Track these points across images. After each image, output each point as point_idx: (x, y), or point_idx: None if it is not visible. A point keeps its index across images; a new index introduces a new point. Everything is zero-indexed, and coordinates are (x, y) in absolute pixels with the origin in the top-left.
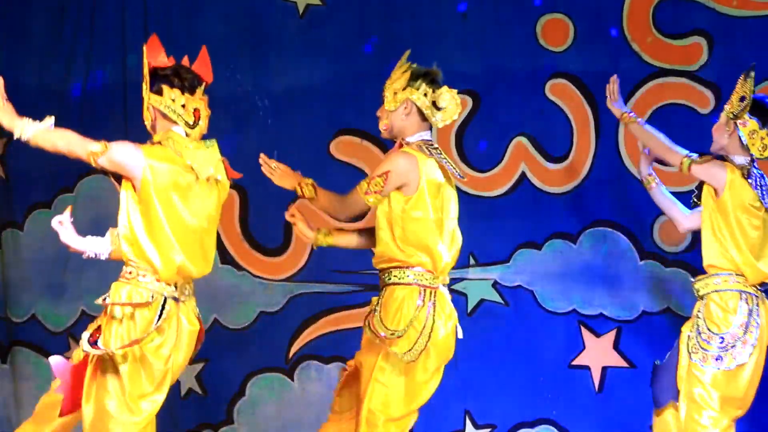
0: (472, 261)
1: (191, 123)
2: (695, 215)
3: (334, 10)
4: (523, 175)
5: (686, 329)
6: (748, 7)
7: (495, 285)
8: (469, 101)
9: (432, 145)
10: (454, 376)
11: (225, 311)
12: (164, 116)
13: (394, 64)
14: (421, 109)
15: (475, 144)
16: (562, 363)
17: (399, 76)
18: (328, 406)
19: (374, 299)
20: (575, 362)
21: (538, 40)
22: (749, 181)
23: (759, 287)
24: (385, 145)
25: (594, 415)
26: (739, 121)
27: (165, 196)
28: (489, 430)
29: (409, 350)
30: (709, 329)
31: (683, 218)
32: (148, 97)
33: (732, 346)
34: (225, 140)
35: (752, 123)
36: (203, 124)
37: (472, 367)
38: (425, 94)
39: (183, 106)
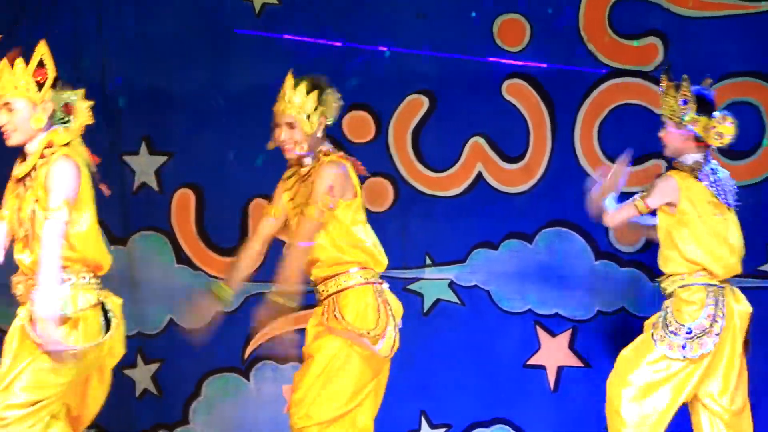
0: (428, 261)
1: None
2: (615, 213)
3: (290, 9)
4: (480, 175)
5: (652, 320)
6: (704, 8)
7: (451, 285)
8: (426, 101)
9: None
10: (409, 376)
11: (181, 311)
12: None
13: (351, 63)
14: (328, 120)
15: (432, 144)
16: (517, 362)
17: (305, 98)
18: (283, 406)
19: (318, 310)
20: (531, 362)
21: (494, 40)
22: (701, 180)
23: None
24: (343, 145)
25: (549, 414)
26: (690, 123)
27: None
28: (444, 429)
29: (391, 346)
30: (677, 321)
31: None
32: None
33: (698, 336)
34: (181, 140)
35: (702, 119)
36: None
37: (428, 366)
38: (327, 106)
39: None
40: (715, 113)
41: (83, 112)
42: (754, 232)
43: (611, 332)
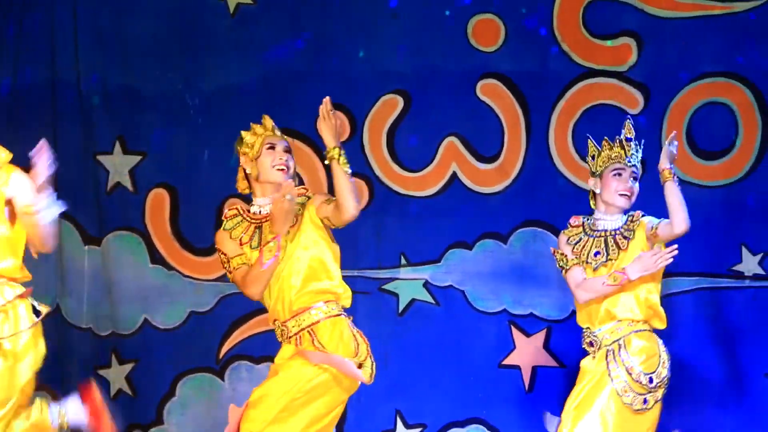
0: (403, 261)
1: None
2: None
3: (264, 9)
4: (454, 175)
5: (600, 368)
6: (677, 9)
7: (426, 285)
8: (401, 101)
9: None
10: (384, 376)
11: (155, 311)
12: None
13: (326, 62)
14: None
15: (407, 143)
16: (492, 362)
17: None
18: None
19: (287, 347)
20: (505, 362)
21: (469, 40)
22: None
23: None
24: (318, 145)
25: (524, 414)
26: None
27: None
28: (420, 429)
29: (371, 373)
30: (641, 369)
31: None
32: None
33: (658, 386)
34: (155, 139)
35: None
36: None
37: (403, 366)
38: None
39: None
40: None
41: None
42: (728, 232)
43: None
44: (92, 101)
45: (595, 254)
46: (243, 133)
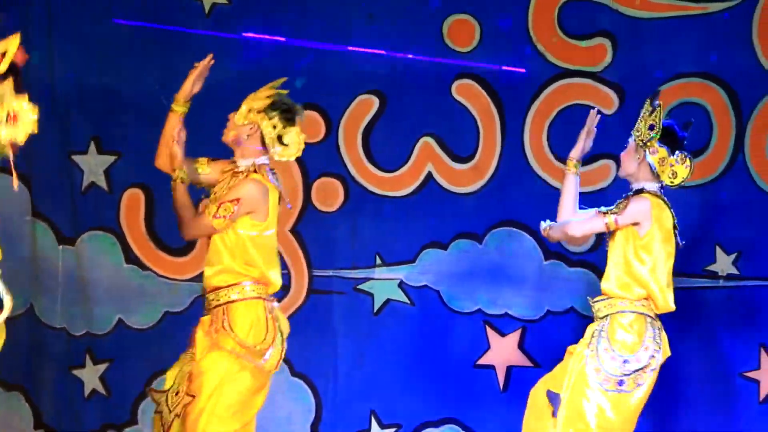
0: (378, 261)
1: None
2: (582, 223)
3: (240, 9)
4: (430, 175)
5: (582, 349)
6: (652, 9)
7: (401, 285)
8: (376, 101)
9: (273, 171)
10: (359, 376)
11: (130, 311)
12: None
13: (301, 62)
14: (264, 137)
15: (382, 144)
16: (467, 362)
17: (261, 98)
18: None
19: (206, 319)
20: (480, 362)
21: (444, 40)
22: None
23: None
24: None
25: (499, 414)
26: (649, 150)
27: None
28: (394, 429)
29: (278, 360)
30: (614, 350)
31: (570, 217)
32: None
33: (635, 371)
34: (130, 140)
35: (662, 151)
36: None
37: (378, 366)
38: (274, 126)
39: None
40: (678, 152)
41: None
42: (703, 232)
43: (560, 332)
44: (67, 101)
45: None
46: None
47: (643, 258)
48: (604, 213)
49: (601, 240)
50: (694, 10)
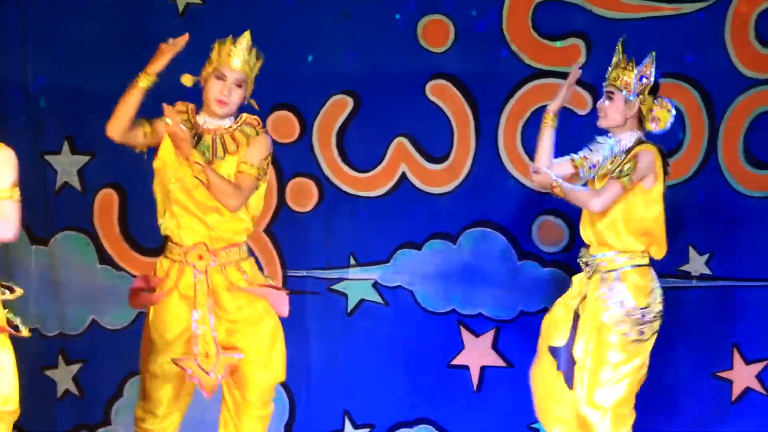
0: (352, 261)
1: None
2: (602, 198)
3: (214, 9)
4: (404, 175)
5: (594, 307)
6: (625, 10)
7: (375, 285)
8: (350, 101)
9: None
10: (333, 376)
11: (103, 312)
12: None
13: (275, 63)
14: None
15: (356, 144)
16: (441, 362)
17: (256, 62)
18: (205, 406)
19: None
20: (454, 362)
21: (418, 40)
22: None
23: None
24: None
25: (473, 414)
26: (640, 101)
27: None
28: (368, 429)
29: None
30: (636, 303)
31: (547, 165)
32: None
33: (654, 319)
34: (103, 140)
35: (648, 100)
36: None
37: (352, 366)
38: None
39: None
40: (656, 99)
41: None
42: (676, 232)
43: (534, 332)
44: (40, 102)
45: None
46: (217, 42)
47: (653, 208)
48: (617, 177)
49: (575, 241)
50: (668, 10)
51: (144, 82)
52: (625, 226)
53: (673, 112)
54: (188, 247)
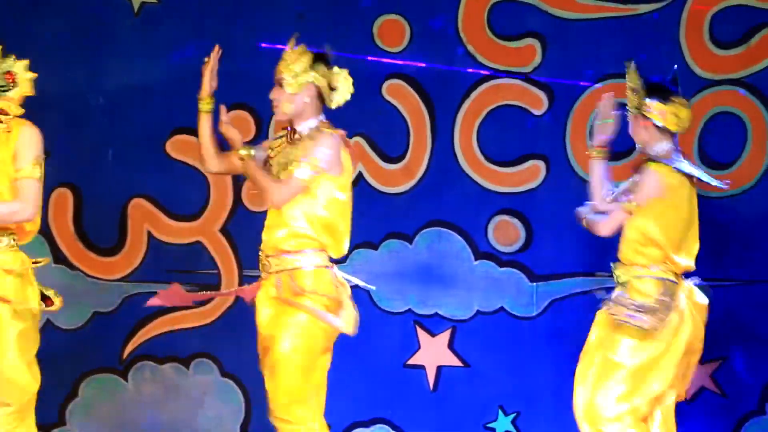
0: None
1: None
2: (608, 223)
3: (169, 8)
4: (360, 175)
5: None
6: (581, 10)
7: None
8: None
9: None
10: None
11: (58, 312)
12: None
13: (232, 62)
14: (321, 92)
15: None
16: (397, 362)
17: (296, 59)
18: (162, 407)
19: (268, 283)
20: (410, 361)
21: (374, 40)
22: (674, 166)
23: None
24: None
25: (429, 413)
26: (644, 110)
27: None
28: None
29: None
30: (630, 301)
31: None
32: None
33: (644, 311)
34: (58, 139)
35: (655, 104)
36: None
37: None
38: (323, 76)
39: None
40: (670, 99)
41: (26, 82)
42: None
43: (490, 332)
44: None
45: None
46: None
47: (665, 223)
48: (624, 202)
49: (531, 240)
50: (622, 11)
51: (203, 106)
52: (631, 236)
53: (688, 106)
54: None
